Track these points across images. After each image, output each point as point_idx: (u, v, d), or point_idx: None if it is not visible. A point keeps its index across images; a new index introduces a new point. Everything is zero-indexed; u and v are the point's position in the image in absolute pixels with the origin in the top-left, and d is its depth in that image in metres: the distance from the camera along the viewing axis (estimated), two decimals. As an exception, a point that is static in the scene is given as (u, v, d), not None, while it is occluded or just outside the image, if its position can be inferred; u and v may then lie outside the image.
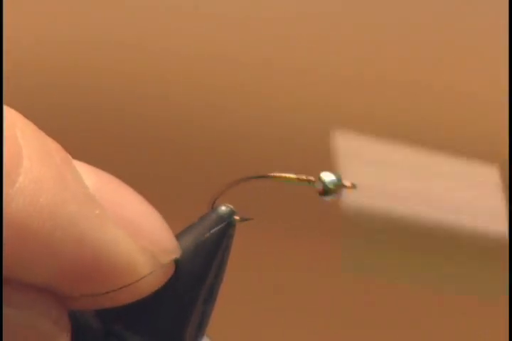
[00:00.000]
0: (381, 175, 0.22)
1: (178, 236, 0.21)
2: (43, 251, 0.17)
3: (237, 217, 0.21)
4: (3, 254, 0.16)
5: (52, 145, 0.18)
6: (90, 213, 0.18)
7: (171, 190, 0.50)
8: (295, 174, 0.22)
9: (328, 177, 0.21)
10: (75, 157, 0.19)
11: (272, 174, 0.22)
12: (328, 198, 0.21)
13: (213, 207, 0.22)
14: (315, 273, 0.47)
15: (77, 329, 0.20)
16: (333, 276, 0.48)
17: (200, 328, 0.21)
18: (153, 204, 0.20)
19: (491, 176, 0.22)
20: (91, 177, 0.18)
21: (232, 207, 0.22)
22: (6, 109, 0.18)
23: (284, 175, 0.22)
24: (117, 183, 0.19)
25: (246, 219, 0.22)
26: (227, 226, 0.21)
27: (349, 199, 0.21)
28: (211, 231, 0.21)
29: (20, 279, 0.17)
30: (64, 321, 0.19)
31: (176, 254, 0.20)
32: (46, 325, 0.18)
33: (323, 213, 0.39)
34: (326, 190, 0.21)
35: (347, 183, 0.21)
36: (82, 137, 0.48)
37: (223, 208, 0.22)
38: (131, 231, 0.19)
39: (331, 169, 0.22)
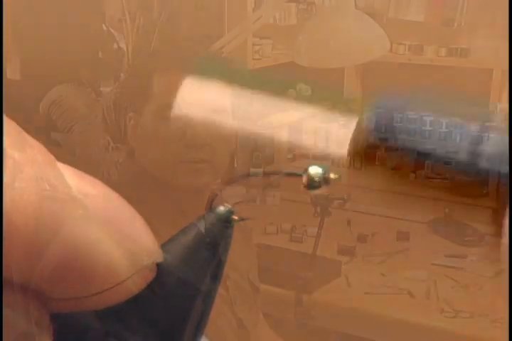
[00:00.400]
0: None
1: (177, 236, 0.21)
2: (27, 248, 0.17)
3: (235, 217, 0.21)
4: None
5: (36, 146, 0.18)
6: (74, 212, 0.18)
7: (170, 190, 0.50)
8: (285, 170, 0.22)
9: (313, 170, 0.21)
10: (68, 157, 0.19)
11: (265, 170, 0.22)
12: (314, 190, 0.22)
13: (212, 207, 0.21)
14: (315, 273, 0.47)
15: (77, 329, 0.20)
16: (335, 280, 0.48)
17: (199, 328, 0.21)
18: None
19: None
20: (74, 178, 0.19)
21: (230, 206, 0.21)
22: None
23: (274, 170, 0.22)
24: (100, 185, 0.19)
25: (244, 219, 0.22)
26: (225, 226, 0.21)
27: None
28: (210, 231, 0.21)
29: (4, 278, 0.17)
30: (45, 322, 0.19)
31: (158, 258, 0.20)
32: (27, 325, 0.18)
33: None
34: (311, 183, 0.21)
35: (332, 175, 0.21)
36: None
37: (222, 208, 0.21)
38: (112, 233, 0.18)
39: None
